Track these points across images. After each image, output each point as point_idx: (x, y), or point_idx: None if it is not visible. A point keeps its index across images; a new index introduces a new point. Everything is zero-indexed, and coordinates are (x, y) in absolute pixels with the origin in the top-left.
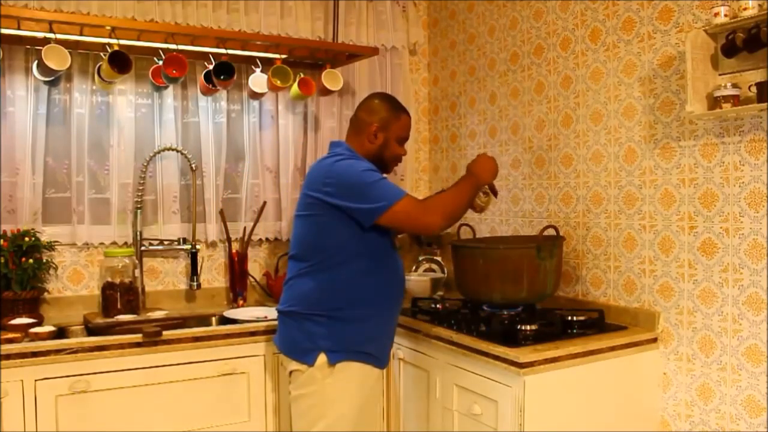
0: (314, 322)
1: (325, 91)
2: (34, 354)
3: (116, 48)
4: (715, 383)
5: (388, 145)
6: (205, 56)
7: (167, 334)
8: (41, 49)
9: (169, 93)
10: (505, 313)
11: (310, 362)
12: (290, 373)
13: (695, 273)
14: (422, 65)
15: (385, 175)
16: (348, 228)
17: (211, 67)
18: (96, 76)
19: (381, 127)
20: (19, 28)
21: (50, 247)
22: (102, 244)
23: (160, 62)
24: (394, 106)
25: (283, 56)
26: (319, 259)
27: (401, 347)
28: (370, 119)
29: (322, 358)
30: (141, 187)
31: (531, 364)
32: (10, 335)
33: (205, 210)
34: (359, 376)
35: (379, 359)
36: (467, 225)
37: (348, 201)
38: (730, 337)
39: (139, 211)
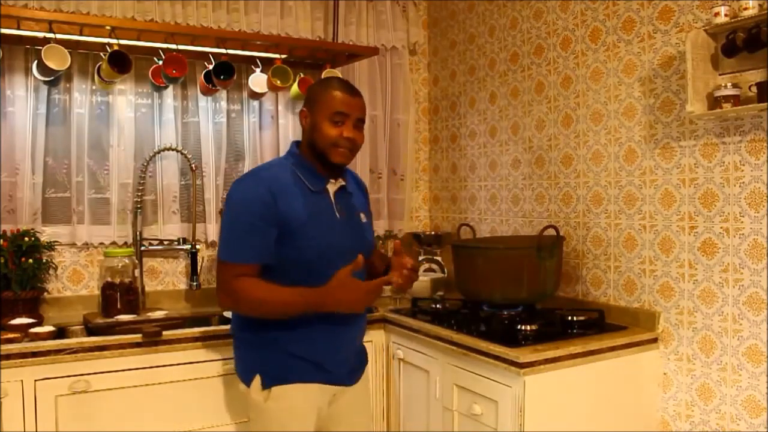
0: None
1: None
2: (34, 354)
3: (116, 48)
4: (716, 383)
5: (316, 126)
6: (205, 56)
7: (167, 334)
8: (41, 49)
9: (169, 93)
10: (505, 313)
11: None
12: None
13: (695, 273)
14: (422, 65)
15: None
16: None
17: (211, 67)
18: (96, 76)
19: (308, 108)
20: (19, 28)
21: (50, 247)
22: (102, 244)
23: (160, 62)
24: (323, 83)
25: (283, 56)
26: None
27: (401, 347)
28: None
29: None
30: (141, 187)
31: (531, 364)
32: (10, 335)
33: (205, 210)
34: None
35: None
36: (467, 225)
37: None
38: (731, 337)
39: (139, 211)
